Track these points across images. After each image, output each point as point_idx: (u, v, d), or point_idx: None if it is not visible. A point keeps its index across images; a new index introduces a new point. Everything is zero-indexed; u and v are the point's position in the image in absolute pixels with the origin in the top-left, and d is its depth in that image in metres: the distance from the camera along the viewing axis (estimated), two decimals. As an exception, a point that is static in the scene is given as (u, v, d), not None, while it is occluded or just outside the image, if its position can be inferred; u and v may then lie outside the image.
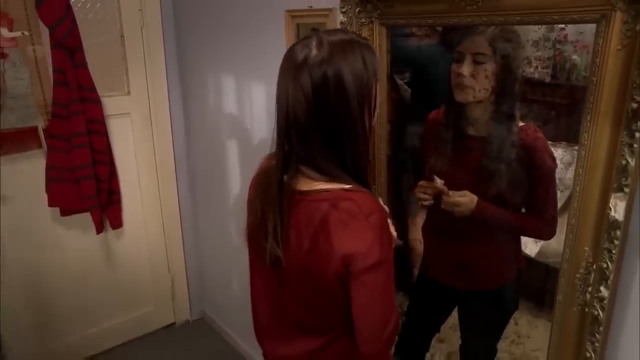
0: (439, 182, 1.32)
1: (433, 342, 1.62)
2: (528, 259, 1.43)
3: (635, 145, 0.83)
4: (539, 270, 1.44)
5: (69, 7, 1.95)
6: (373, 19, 1.26)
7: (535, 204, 1.28)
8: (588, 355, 1.01)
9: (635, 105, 0.82)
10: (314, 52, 0.91)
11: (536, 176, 1.22)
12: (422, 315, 1.60)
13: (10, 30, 1.90)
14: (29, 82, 2.00)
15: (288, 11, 1.58)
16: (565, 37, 1.28)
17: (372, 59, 0.94)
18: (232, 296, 2.54)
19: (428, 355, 1.62)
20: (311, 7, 1.49)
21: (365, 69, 0.92)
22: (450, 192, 1.29)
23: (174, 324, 2.81)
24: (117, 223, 2.36)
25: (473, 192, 1.27)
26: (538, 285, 1.49)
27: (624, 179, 0.86)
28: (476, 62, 1.20)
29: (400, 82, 1.60)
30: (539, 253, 1.48)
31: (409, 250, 1.63)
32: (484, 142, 1.27)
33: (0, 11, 1.87)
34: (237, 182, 2.23)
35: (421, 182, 1.37)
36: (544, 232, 1.29)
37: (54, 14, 1.91)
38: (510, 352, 1.51)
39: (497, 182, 1.23)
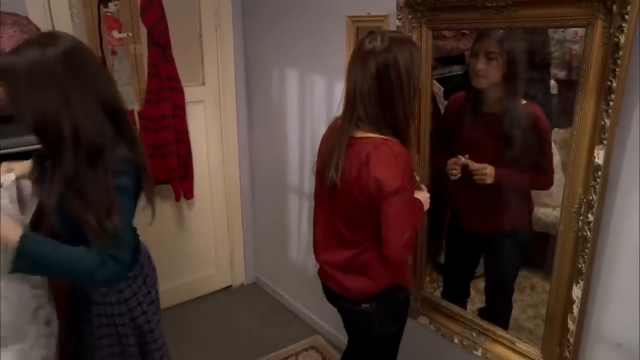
0: (463, 158, 1.71)
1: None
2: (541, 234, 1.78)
3: (609, 111, 1.22)
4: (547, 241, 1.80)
5: (163, 13, 2.39)
6: (422, 24, 1.67)
7: (538, 160, 1.65)
8: (580, 266, 1.40)
9: (609, 83, 1.21)
10: (379, 44, 1.32)
11: (538, 138, 1.60)
12: (456, 260, 2.00)
13: (120, 32, 2.36)
14: (130, 74, 2.45)
15: (350, 17, 1.99)
16: (582, 37, 1.61)
17: (417, 54, 1.36)
18: (284, 262, 2.95)
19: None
20: (369, 13, 1.90)
21: (412, 60, 1.34)
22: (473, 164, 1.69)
23: (230, 286, 3.23)
24: (189, 194, 2.80)
25: (490, 156, 1.67)
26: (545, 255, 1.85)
27: (603, 134, 1.25)
28: (488, 58, 1.61)
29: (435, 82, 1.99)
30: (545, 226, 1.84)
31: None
32: (496, 117, 1.68)
33: (114, 17, 2.32)
34: (294, 162, 2.64)
35: (450, 160, 1.76)
36: (546, 183, 1.64)
37: (153, 18, 2.36)
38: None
39: (510, 144, 1.63)
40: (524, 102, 1.65)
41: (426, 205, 1.54)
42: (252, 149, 2.99)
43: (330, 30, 2.14)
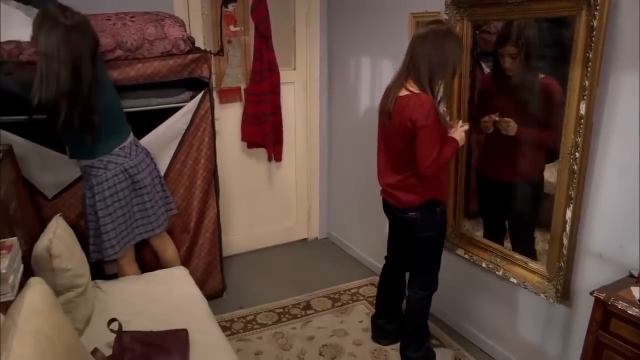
0: (494, 116, 2.23)
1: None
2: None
3: (588, 75, 1.72)
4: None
5: (267, 12, 3.10)
6: (463, 17, 2.23)
7: (551, 120, 2.11)
8: (570, 193, 1.89)
9: (589, 55, 1.71)
10: (423, 32, 1.95)
11: (552, 103, 2.08)
12: (485, 206, 2.51)
13: (235, 26, 3.09)
14: (240, 58, 3.18)
15: (412, 13, 2.57)
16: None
17: (452, 45, 1.96)
18: (353, 220, 3.56)
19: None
20: (426, 11, 2.47)
21: (443, 48, 1.95)
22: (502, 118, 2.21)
23: (306, 239, 3.89)
24: (279, 157, 3.50)
25: (514, 117, 2.17)
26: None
27: (585, 92, 1.75)
28: (512, 58, 2.13)
29: (484, 66, 2.50)
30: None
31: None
32: (519, 88, 2.18)
33: (232, 15, 3.06)
34: (366, 134, 3.24)
35: (483, 118, 2.28)
36: (556, 139, 2.11)
37: (260, 16, 3.07)
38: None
39: (530, 109, 2.13)
40: (542, 75, 2.14)
41: (461, 141, 2.12)
42: (330, 122, 3.64)
43: (395, 24, 2.73)
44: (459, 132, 2.11)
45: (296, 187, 3.71)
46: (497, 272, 2.31)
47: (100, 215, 2.18)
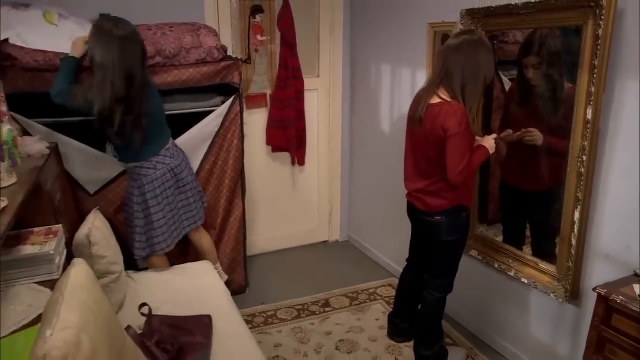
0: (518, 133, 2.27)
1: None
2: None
3: (594, 81, 1.80)
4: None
5: (293, 21, 3.26)
6: (478, 27, 2.32)
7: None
8: (578, 195, 1.96)
9: (595, 63, 1.79)
10: (455, 42, 2.03)
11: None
12: (506, 213, 2.58)
13: (262, 35, 3.26)
14: (266, 66, 3.34)
15: (429, 23, 2.69)
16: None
17: (484, 54, 2.02)
18: (372, 223, 3.67)
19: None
20: (443, 20, 2.58)
21: (475, 57, 2.00)
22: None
23: (326, 241, 4.00)
24: (302, 161, 3.64)
25: (540, 127, 2.22)
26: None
27: (591, 97, 1.83)
28: (534, 68, 2.19)
29: (503, 76, 2.57)
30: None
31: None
32: (544, 97, 2.24)
33: (259, 25, 3.23)
34: (386, 139, 3.36)
35: (500, 135, 2.33)
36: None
37: (285, 25, 3.24)
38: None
39: (552, 118, 2.19)
40: (569, 85, 2.12)
41: (491, 149, 2.17)
42: (352, 128, 3.76)
43: (414, 33, 2.85)
44: (488, 140, 2.17)
45: (318, 190, 3.84)
46: (508, 273, 2.39)
47: (152, 212, 2.36)
